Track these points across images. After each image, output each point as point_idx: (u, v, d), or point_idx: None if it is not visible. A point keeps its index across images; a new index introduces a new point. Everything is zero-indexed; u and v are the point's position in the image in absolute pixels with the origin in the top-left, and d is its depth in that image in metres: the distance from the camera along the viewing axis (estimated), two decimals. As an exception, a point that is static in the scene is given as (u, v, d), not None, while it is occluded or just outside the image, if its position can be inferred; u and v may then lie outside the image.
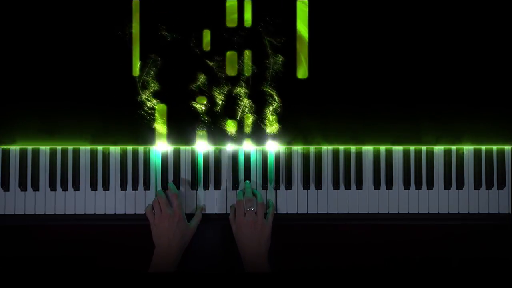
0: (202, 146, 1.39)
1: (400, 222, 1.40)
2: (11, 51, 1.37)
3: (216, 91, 1.37)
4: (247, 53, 1.37)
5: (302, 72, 1.38)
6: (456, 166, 1.40)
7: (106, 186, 1.40)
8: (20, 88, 1.37)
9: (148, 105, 1.38)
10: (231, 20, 1.37)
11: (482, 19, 1.38)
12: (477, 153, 1.40)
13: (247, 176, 1.39)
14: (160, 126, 1.38)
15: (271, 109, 1.38)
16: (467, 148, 1.40)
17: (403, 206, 1.40)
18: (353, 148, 1.40)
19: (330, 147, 1.40)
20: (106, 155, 1.40)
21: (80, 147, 1.39)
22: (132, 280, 1.24)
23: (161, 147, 1.39)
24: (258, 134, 1.38)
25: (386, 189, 1.40)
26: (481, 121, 1.38)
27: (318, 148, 1.39)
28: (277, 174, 1.39)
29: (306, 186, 1.40)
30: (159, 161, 1.40)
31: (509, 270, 1.75)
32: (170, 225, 1.33)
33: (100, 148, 1.39)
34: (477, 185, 1.40)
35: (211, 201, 1.40)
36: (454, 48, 1.38)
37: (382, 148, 1.40)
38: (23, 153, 1.39)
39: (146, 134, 1.38)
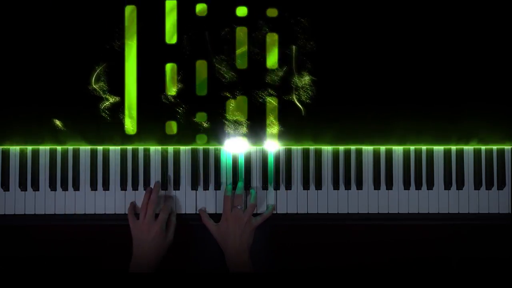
0: (202, 146, 1.39)
1: (400, 222, 1.40)
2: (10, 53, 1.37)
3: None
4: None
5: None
6: (456, 166, 1.40)
7: (106, 186, 1.40)
8: (20, 89, 1.38)
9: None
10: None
11: (481, 19, 1.38)
12: (477, 153, 1.40)
13: (247, 175, 1.39)
14: (161, 126, 1.38)
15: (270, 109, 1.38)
16: (467, 148, 1.40)
17: (403, 206, 1.40)
18: (353, 148, 1.40)
19: (330, 147, 1.40)
20: (106, 155, 1.39)
21: (80, 147, 1.39)
22: (130, 280, 1.24)
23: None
24: (258, 133, 1.38)
25: (386, 189, 1.40)
26: (481, 121, 1.38)
27: (318, 148, 1.39)
28: (277, 174, 1.39)
29: (306, 186, 1.39)
30: (159, 161, 1.40)
31: (509, 270, 1.75)
32: (147, 237, 1.31)
33: (100, 148, 1.39)
34: (477, 185, 1.40)
35: (211, 201, 1.40)
36: (454, 48, 1.38)
37: (382, 148, 1.40)
38: (23, 153, 1.39)
39: (146, 134, 1.38)
